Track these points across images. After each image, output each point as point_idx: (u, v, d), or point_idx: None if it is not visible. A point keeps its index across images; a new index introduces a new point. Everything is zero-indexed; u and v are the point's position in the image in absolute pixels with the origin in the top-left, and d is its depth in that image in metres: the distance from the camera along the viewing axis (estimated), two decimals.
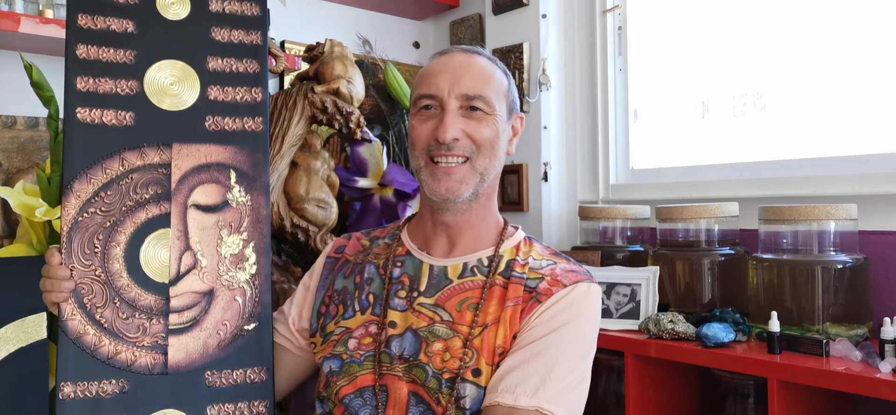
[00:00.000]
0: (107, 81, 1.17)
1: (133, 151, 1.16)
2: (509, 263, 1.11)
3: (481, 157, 1.10)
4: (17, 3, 1.69)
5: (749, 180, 1.89)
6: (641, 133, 2.21)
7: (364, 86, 1.83)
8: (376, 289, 1.13)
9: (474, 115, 1.09)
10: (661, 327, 1.62)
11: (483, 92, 1.09)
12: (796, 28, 1.86)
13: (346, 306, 1.14)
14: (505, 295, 1.06)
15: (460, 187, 1.09)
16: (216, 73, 1.23)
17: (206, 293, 1.15)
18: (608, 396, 1.89)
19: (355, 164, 2.11)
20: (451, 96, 1.08)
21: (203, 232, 1.17)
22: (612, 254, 1.97)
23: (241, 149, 1.21)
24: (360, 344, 1.08)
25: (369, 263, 1.17)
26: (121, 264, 1.13)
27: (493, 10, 2.39)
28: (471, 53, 1.14)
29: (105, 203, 1.14)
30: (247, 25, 1.26)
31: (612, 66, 2.24)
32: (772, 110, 1.92)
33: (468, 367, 1.01)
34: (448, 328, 1.04)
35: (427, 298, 1.08)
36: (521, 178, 2.28)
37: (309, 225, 1.72)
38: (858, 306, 1.54)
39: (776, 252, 1.62)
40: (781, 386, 1.41)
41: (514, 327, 1.04)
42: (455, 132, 1.07)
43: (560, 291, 1.05)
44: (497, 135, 1.11)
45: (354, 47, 2.43)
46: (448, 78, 1.09)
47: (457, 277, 1.10)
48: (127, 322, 1.11)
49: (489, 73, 1.12)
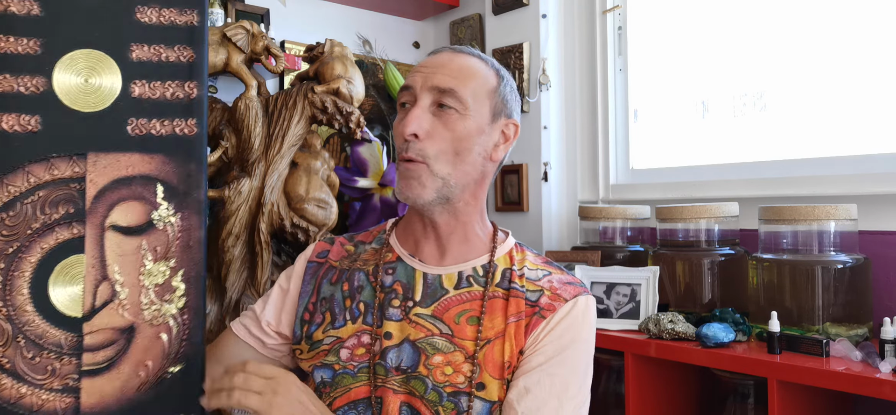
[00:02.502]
0: (6, 79, 0.99)
1: (40, 164, 0.98)
2: (505, 273, 1.08)
3: (440, 162, 1.02)
4: None
5: (749, 180, 1.89)
6: (641, 133, 2.21)
7: (364, 86, 1.83)
8: (367, 297, 1.08)
9: (443, 113, 1.03)
10: (661, 327, 1.62)
11: (456, 87, 1.02)
12: (796, 28, 1.86)
13: (334, 315, 1.08)
14: (506, 308, 1.04)
15: (419, 188, 1.02)
16: (141, 63, 1.03)
17: (126, 330, 0.99)
18: (608, 396, 1.89)
19: (355, 164, 2.11)
20: (422, 89, 1.03)
21: (123, 258, 1.00)
22: (612, 254, 1.97)
23: (170, 158, 1.02)
24: (353, 355, 1.04)
25: (358, 270, 1.12)
26: (25, 296, 0.97)
27: (493, 10, 2.39)
28: (458, 52, 1.08)
29: (7, 226, 0.97)
30: (180, 2, 1.05)
31: (612, 66, 2.24)
32: (772, 110, 1.92)
33: (470, 382, 1.00)
34: (448, 342, 1.02)
35: (423, 309, 1.05)
36: (521, 178, 2.28)
37: (309, 225, 1.72)
38: (858, 306, 1.54)
39: (776, 252, 1.62)
40: (781, 386, 1.41)
41: (520, 343, 1.02)
42: (417, 127, 1.01)
43: (564, 307, 1.04)
44: (467, 137, 1.03)
45: (354, 47, 2.43)
46: (426, 72, 1.05)
47: (453, 287, 1.07)
48: (33, 363, 0.96)
49: (472, 71, 1.05)
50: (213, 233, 1.72)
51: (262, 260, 1.70)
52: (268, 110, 1.75)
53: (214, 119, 1.76)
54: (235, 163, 1.73)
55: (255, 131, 1.71)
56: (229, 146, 1.73)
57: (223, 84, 2.14)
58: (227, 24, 1.79)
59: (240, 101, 1.71)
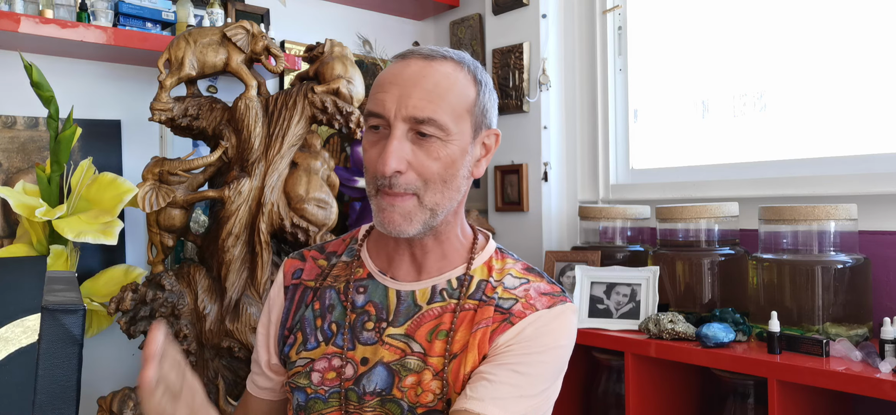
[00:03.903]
0: None
1: None
2: (481, 284, 1.01)
3: (430, 192, 0.95)
4: (17, 3, 1.69)
5: (749, 180, 1.89)
6: (641, 133, 2.21)
7: (364, 86, 1.83)
8: (338, 317, 1.03)
9: (424, 142, 0.93)
10: (661, 327, 1.62)
11: (434, 114, 0.92)
12: (796, 28, 1.86)
13: (306, 335, 1.04)
14: (473, 319, 0.98)
15: (404, 224, 0.95)
16: None
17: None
18: (608, 396, 1.89)
19: (355, 164, 2.11)
20: (397, 119, 0.92)
21: None
22: (612, 254, 1.97)
23: None
24: (324, 379, 1.00)
25: (329, 287, 1.06)
26: None
27: (493, 10, 2.39)
28: (430, 59, 0.97)
29: None
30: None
31: (612, 66, 2.24)
32: (772, 110, 1.92)
33: (440, 399, 0.96)
34: (419, 360, 0.97)
35: (396, 328, 1.00)
36: (521, 178, 2.28)
37: (309, 225, 1.72)
38: (858, 306, 1.54)
39: (776, 252, 1.62)
40: (781, 386, 1.41)
41: (483, 349, 0.97)
42: (398, 163, 0.92)
43: (536, 314, 0.98)
44: (453, 163, 0.95)
45: (354, 47, 2.43)
46: (396, 95, 0.93)
47: (426, 302, 1.00)
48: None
49: (447, 87, 0.95)
50: (213, 233, 1.72)
51: (262, 260, 1.70)
52: (268, 110, 1.75)
53: (214, 119, 1.76)
54: (235, 163, 1.73)
55: (255, 131, 1.71)
56: (229, 146, 1.73)
57: (223, 84, 2.14)
58: (227, 24, 1.79)
59: (240, 101, 1.71)
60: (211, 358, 1.68)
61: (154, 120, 1.67)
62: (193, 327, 1.66)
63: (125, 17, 1.87)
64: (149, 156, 1.82)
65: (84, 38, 1.75)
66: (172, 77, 1.66)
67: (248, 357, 1.66)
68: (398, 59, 0.99)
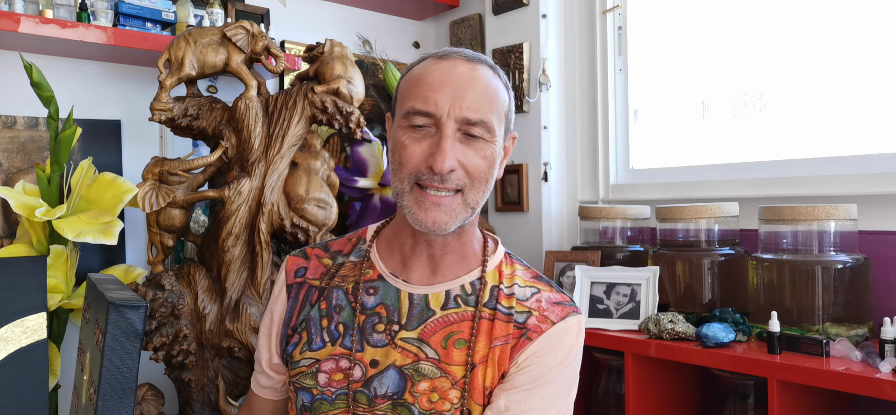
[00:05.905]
0: None
1: None
2: (493, 290, 1.03)
3: (474, 190, 0.98)
4: (17, 3, 1.69)
5: (749, 180, 1.89)
6: (641, 133, 2.21)
7: (364, 86, 1.83)
8: (346, 318, 1.03)
9: (473, 142, 0.97)
10: (661, 327, 1.62)
11: (486, 117, 0.97)
12: (796, 28, 1.87)
13: (310, 336, 1.04)
14: (492, 331, 1.00)
15: (448, 220, 0.97)
16: None
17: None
18: (608, 396, 1.89)
19: (355, 164, 2.11)
20: (450, 118, 0.95)
21: None
22: (612, 254, 1.97)
23: None
24: (331, 380, 1.00)
25: (336, 287, 1.06)
26: None
27: (493, 10, 2.39)
28: (474, 63, 1.00)
29: None
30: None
31: (612, 66, 2.24)
32: (772, 110, 1.92)
33: (458, 408, 0.97)
34: (434, 367, 0.98)
35: (409, 332, 1.00)
36: (521, 178, 2.28)
37: (309, 225, 1.72)
38: (858, 306, 1.54)
39: (776, 252, 1.63)
40: (781, 386, 1.41)
41: (502, 366, 0.99)
42: (452, 162, 0.95)
43: (552, 330, 1.01)
44: (493, 163, 1.00)
45: (354, 47, 2.43)
46: (450, 95, 0.95)
47: (440, 307, 1.01)
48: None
49: (494, 91, 0.99)
50: (213, 233, 1.72)
51: (262, 260, 1.70)
52: (268, 110, 1.75)
53: (214, 119, 1.76)
54: (235, 163, 1.73)
55: (255, 131, 1.71)
56: (229, 146, 1.73)
57: (223, 84, 2.14)
58: (227, 24, 1.79)
59: (240, 101, 1.71)
60: (211, 358, 1.68)
61: (154, 120, 1.67)
62: (193, 327, 1.66)
63: (125, 17, 1.87)
64: (149, 156, 1.82)
65: (84, 38, 1.75)
66: (172, 77, 1.66)
67: (248, 357, 1.66)
68: (439, 60, 1.00)
